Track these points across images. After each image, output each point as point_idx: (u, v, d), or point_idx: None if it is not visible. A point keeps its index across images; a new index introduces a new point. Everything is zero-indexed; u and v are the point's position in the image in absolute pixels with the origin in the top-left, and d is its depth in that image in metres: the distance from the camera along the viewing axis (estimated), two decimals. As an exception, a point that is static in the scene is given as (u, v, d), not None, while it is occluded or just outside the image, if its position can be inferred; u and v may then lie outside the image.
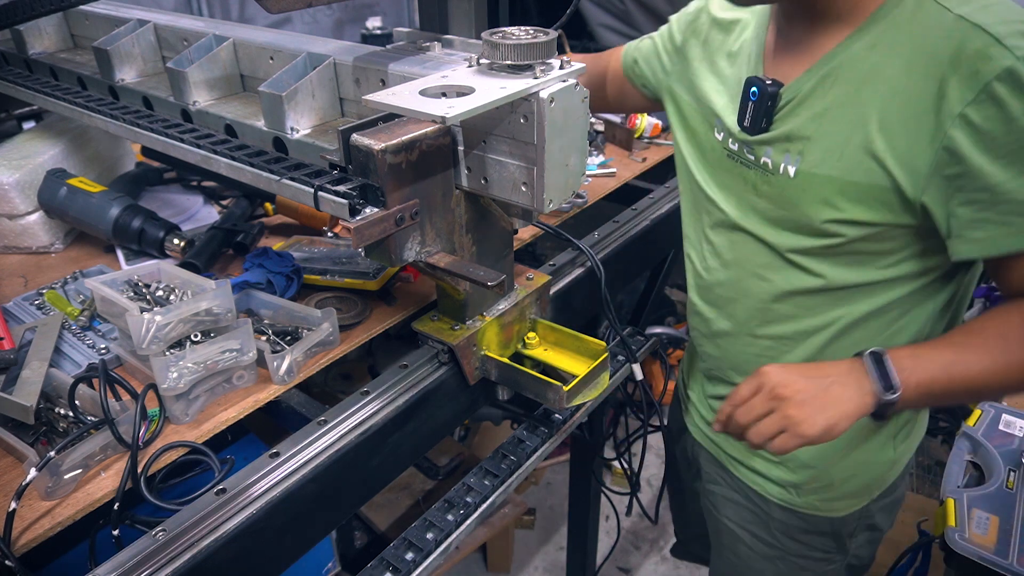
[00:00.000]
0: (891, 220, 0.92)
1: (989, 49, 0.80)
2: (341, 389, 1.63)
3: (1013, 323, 0.89)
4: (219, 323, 1.00)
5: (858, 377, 0.89)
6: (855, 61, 0.91)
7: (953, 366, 0.88)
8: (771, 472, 1.22)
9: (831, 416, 0.87)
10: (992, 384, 0.89)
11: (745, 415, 0.92)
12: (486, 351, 1.11)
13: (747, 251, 1.09)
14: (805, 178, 0.96)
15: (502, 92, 0.83)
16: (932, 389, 0.88)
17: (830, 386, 0.89)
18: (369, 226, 0.84)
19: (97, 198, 1.34)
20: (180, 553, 0.80)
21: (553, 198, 0.93)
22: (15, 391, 0.93)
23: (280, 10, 0.89)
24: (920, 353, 0.90)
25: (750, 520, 1.31)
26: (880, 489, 1.21)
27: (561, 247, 1.40)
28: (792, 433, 0.88)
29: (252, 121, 1.11)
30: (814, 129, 0.95)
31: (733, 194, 1.09)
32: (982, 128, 0.81)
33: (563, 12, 1.27)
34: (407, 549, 1.03)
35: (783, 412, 0.88)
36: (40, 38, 1.51)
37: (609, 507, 2.08)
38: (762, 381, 0.91)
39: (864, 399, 0.88)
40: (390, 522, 2.24)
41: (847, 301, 1.02)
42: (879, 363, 0.89)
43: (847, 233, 0.95)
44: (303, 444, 0.93)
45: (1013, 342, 0.88)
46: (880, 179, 0.90)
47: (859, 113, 0.90)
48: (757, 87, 0.99)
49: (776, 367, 0.92)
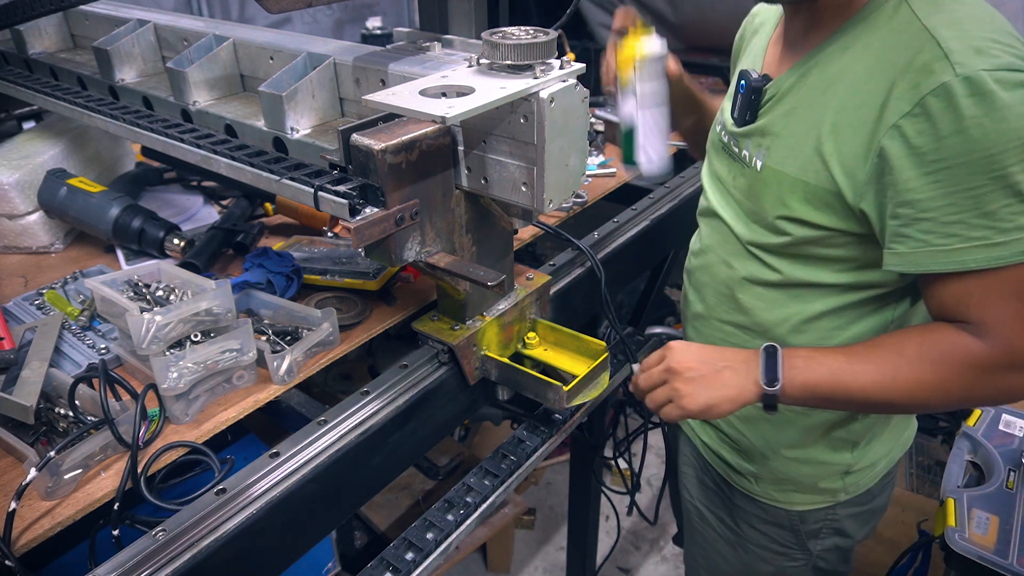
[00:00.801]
0: (836, 225, 0.94)
1: (934, 63, 0.80)
2: (341, 389, 1.63)
3: (913, 341, 0.90)
4: (219, 323, 1.00)
5: (750, 367, 0.95)
6: (828, 62, 0.93)
7: (841, 373, 0.91)
8: (734, 459, 1.25)
9: (713, 396, 0.95)
10: (875, 397, 0.90)
11: (645, 381, 1.02)
12: (486, 351, 1.11)
13: (720, 238, 1.14)
14: (768, 173, 0.99)
15: (502, 92, 0.83)
16: (817, 391, 0.92)
17: (722, 370, 0.96)
18: (369, 226, 0.84)
19: (97, 198, 1.34)
20: (180, 553, 0.80)
21: (553, 198, 0.93)
22: (15, 391, 0.93)
23: (280, 10, 0.89)
24: (815, 356, 0.94)
25: (717, 504, 1.34)
26: (848, 494, 1.19)
27: (561, 247, 1.40)
28: (676, 404, 0.98)
29: (252, 121, 1.11)
30: (783, 126, 0.98)
31: (719, 183, 1.14)
32: (912, 141, 0.81)
33: (563, 12, 1.27)
34: (407, 549, 1.03)
35: (673, 385, 0.98)
36: (40, 38, 1.51)
37: (609, 507, 2.08)
38: (664, 354, 1.00)
39: (749, 387, 0.94)
40: (390, 522, 2.24)
41: (802, 299, 1.04)
42: (771, 358, 0.94)
43: (795, 232, 0.98)
44: (303, 444, 0.93)
45: (907, 360, 0.89)
46: (825, 181, 0.92)
47: (818, 114, 0.92)
48: (745, 80, 1.02)
49: (682, 344, 1.00)
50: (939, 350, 0.88)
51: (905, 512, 1.99)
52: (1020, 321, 0.84)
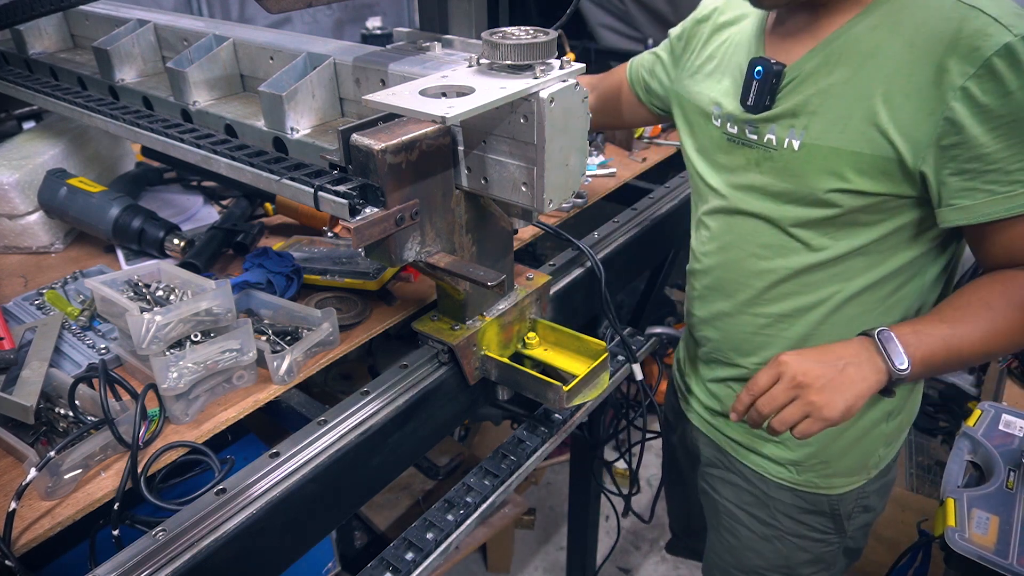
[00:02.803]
0: (891, 190, 0.97)
1: (988, 28, 0.86)
2: (341, 389, 1.63)
3: (996, 292, 0.96)
4: (219, 323, 1.00)
5: (870, 356, 0.94)
6: (857, 41, 0.96)
7: (951, 339, 0.95)
8: (772, 452, 1.25)
9: (849, 397, 0.92)
10: (983, 352, 0.96)
11: (768, 405, 0.96)
12: (486, 351, 1.11)
13: (745, 231, 1.14)
14: (810, 150, 1.01)
15: (502, 92, 0.83)
16: (934, 361, 0.95)
17: (845, 368, 0.93)
18: (369, 226, 0.84)
19: (97, 198, 1.34)
20: (180, 553, 0.80)
21: (553, 198, 0.93)
22: (15, 391, 0.93)
23: (280, 10, 0.89)
24: (920, 329, 0.96)
25: (749, 502, 1.33)
26: (877, 468, 1.25)
27: (561, 247, 1.40)
28: (815, 418, 0.93)
29: (252, 121, 1.11)
30: (818, 104, 1.00)
31: (733, 176, 1.14)
32: (981, 100, 0.87)
33: (563, 12, 1.27)
34: (407, 549, 1.03)
35: (806, 399, 0.93)
36: (40, 38, 1.51)
37: (609, 507, 2.08)
38: (781, 371, 0.95)
39: (878, 377, 0.93)
40: (390, 522, 2.24)
41: (844, 276, 1.07)
42: (888, 341, 0.94)
43: (847, 203, 1.00)
44: (303, 444, 0.93)
45: (998, 310, 0.94)
46: (883, 150, 0.95)
47: (863, 88, 0.95)
48: (762, 66, 1.04)
49: (792, 355, 0.96)
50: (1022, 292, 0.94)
51: (905, 512, 1.99)
52: None
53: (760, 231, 1.12)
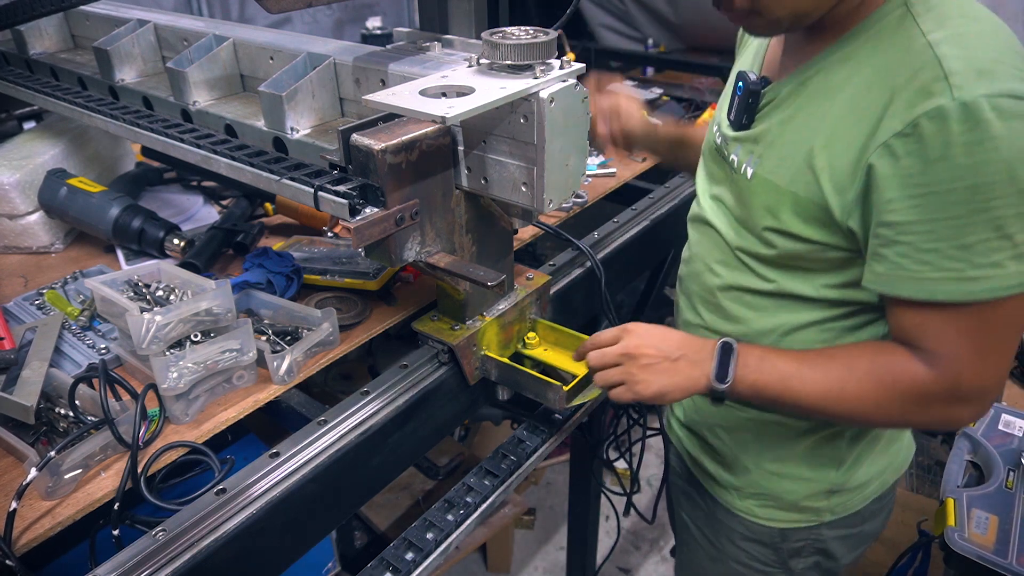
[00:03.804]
0: (825, 239, 0.91)
1: (934, 84, 0.77)
2: (341, 389, 1.63)
3: (865, 358, 0.90)
4: (219, 323, 1.00)
5: (704, 359, 0.95)
6: (828, 72, 0.90)
7: (790, 379, 0.92)
8: (716, 471, 1.22)
9: (666, 385, 0.95)
10: (819, 407, 0.92)
11: (597, 359, 1.00)
12: (486, 351, 1.11)
13: (708, 244, 1.11)
14: (758, 182, 0.96)
15: (502, 92, 0.83)
16: (764, 393, 0.93)
17: (679, 359, 0.96)
18: (369, 226, 0.84)
19: (97, 198, 1.34)
20: (180, 553, 0.80)
21: (553, 198, 0.93)
22: (15, 391, 0.93)
23: (280, 10, 0.89)
24: (768, 357, 0.94)
25: (700, 519, 1.31)
26: (834, 514, 1.15)
27: (561, 247, 1.40)
28: (628, 388, 0.97)
29: (252, 121, 1.11)
30: (777, 134, 0.95)
31: (711, 186, 1.11)
32: (901, 162, 0.79)
33: (563, 12, 1.27)
34: (407, 549, 1.03)
35: (628, 368, 0.97)
36: (41, 38, 1.51)
37: (609, 507, 2.08)
38: (623, 337, 0.98)
39: (700, 379, 0.95)
40: (390, 522, 2.24)
41: (790, 309, 1.01)
42: (725, 354, 0.94)
43: (782, 245, 0.95)
44: (303, 444, 0.93)
45: (854, 377, 0.89)
46: (815, 195, 0.89)
47: (814, 126, 0.89)
48: (743, 82, 0.99)
49: (641, 328, 0.99)
50: (888, 371, 0.88)
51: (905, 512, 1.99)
52: (972, 356, 0.84)
53: (718, 247, 1.08)
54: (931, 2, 0.84)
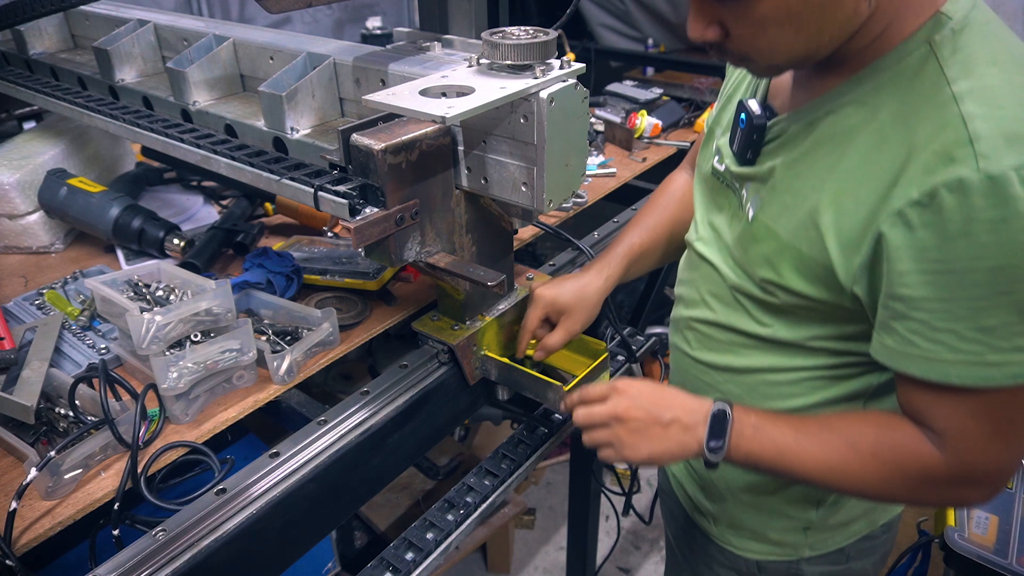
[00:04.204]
0: (829, 298, 0.84)
1: (957, 148, 0.68)
2: (341, 389, 1.63)
3: (868, 436, 0.84)
4: (219, 323, 1.00)
5: (697, 424, 0.89)
6: (841, 114, 0.80)
7: (787, 452, 0.86)
8: (696, 495, 1.18)
9: (656, 450, 0.90)
10: (819, 482, 0.86)
11: (585, 418, 0.95)
12: (486, 351, 1.11)
13: (703, 274, 1.04)
14: (759, 228, 0.89)
15: (502, 92, 0.83)
16: (760, 463, 0.88)
17: (671, 423, 0.90)
18: (369, 226, 0.84)
19: (97, 198, 1.34)
20: (180, 553, 0.80)
21: (553, 198, 0.93)
22: (15, 391, 0.93)
23: (280, 10, 0.89)
24: (764, 426, 0.87)
25: (681, 539, 1.28)
26: (813, 550, 1.09)
27: (561, 247, 1.40)
28: (617, 451, 0.92)
29: (252, 121, 1.11)
30: (780, 178, 0.86)
31: (711, 213, 1.03)
32: (916, 233, 0.71)
33: (563, 12, 1.27)
34: (407, 549, 1.03)
35: (616, 431, 0.91)
36: (41, 38, 1.51)
37: (609, 507, 2.08)
38: (610, 395, 0.93)
39: (691, 445, 0.89)
40: (390, 522, 2.23)
41: (784, 352, 0.95)
42: (721, 422, 0.88)
43: (782, 298, 0.89)
44: (303, 444, 0.93)
45: (857, 454, 0.83)
46: (819, 254, 0.81)
47: (821, 176, 0.81)
48: (746, 115, 0.90)
49: (631, 388, 0.93)
50: (894, 452, 0.82)
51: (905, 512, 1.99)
52: (986, 441, 0.77)
53: (713, 281, 1.00)
54: (960, 41, 0.74)
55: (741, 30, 0.76)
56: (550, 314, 1.12)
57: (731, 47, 0.79)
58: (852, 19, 0.74)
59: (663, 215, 1.21)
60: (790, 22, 0.73)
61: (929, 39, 0.74)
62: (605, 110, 2.03)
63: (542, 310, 1.11)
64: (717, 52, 0.81)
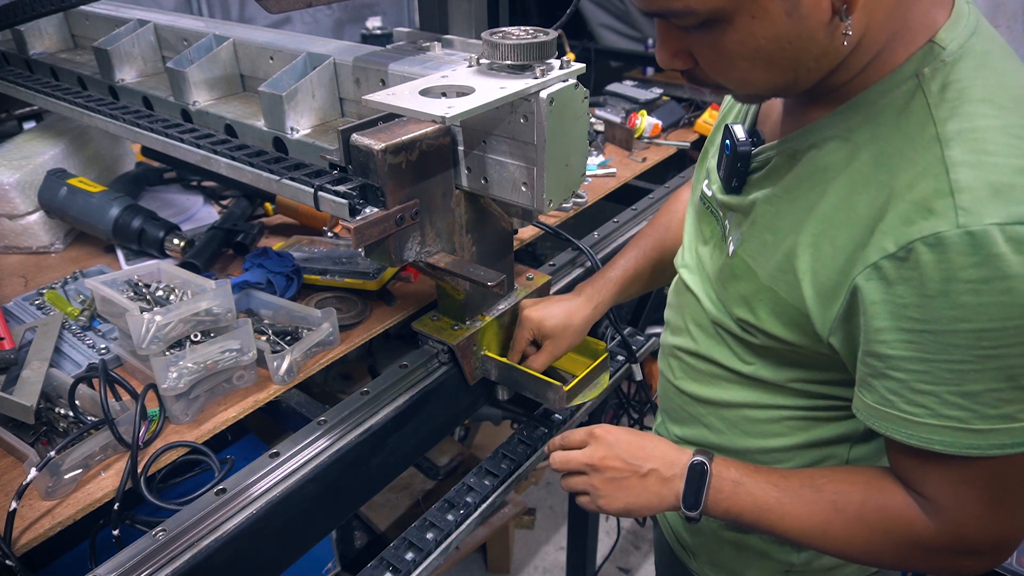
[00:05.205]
0: (808, 345, 0.79)
1: (935, 200, 0.63)
2: (341, 389, 1.63)
3: (854, 499, 0.79)
4: (219, 323, 1.00)
5: (675, 477, 0.87)
6: (821, 150, 0.75)
7: (768, 511, 0.82)
8: (678, 528, 1.15)
9: (632, 502, 0.89)
10: (801, 542, 0.83)
11: (562, 463, 0.94)
12: (486, 351, 1.11)
13: (687, 301, 1.00)
14: (737, 263, 0.84)
15: (502, 92, 0.83)
16: (739, 521, 0.85)
17: (648, 474, 0.88)
18: (369, 226, 0.84)
19: (97, 198, 1.34)
20: (180, 553, 0.80)
21: (553, 198, 0.93)
22: (15, 391, 0.93)
23: (280, 10, 0.90)
24: (744, 482, 0.84)
25: (667, 565, 1.25)
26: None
27: (561, 247, 1.40)
28: (593, 500, 0.92)
29: (252, 121, 1.11)
30: (762, 212, 0.81)
31: (699, 243, 1.00)
32: (894, 288, 0.66)
33: (563, 12, 1.27)
34: (407, 549, 1.03)
35: (592, 481, 0.91)
36: (41, 38, 1.51)
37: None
38: (588, 442, 0.93)
39: (668, 499, 0.88)
40: (390, 522, 2.23)
41: (765, 390, 0.91)
42: (700, 478, 0.85)
43: (760, 339, 0.84)
44: (303, 444, 0.93)
45: (842, 518, 0.79)
46: (796, 300, 0.76)
47: (798, 216, 0.76)
48: (730, 142, 0.85)
49: (609, 436, 0.92)
50: (880, 517, 0.77)
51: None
52: (980, 510, 0.71)
53: (695, 309, 0.97)
54: (953, 75, 0.67)
55: (710, 61, 0.72)
56: (536, 336, 1.12)
57: (701, 76, 0.75)
58: (829, 54, 0.68)
59: (664, 236, 1.20)
60: (759, 56, 0.68)
61: (918, 71, 0.68)
62: (605, 110, 2.03)
63: (529, 332, 1.12)
64: (689, 79, 0.76)
